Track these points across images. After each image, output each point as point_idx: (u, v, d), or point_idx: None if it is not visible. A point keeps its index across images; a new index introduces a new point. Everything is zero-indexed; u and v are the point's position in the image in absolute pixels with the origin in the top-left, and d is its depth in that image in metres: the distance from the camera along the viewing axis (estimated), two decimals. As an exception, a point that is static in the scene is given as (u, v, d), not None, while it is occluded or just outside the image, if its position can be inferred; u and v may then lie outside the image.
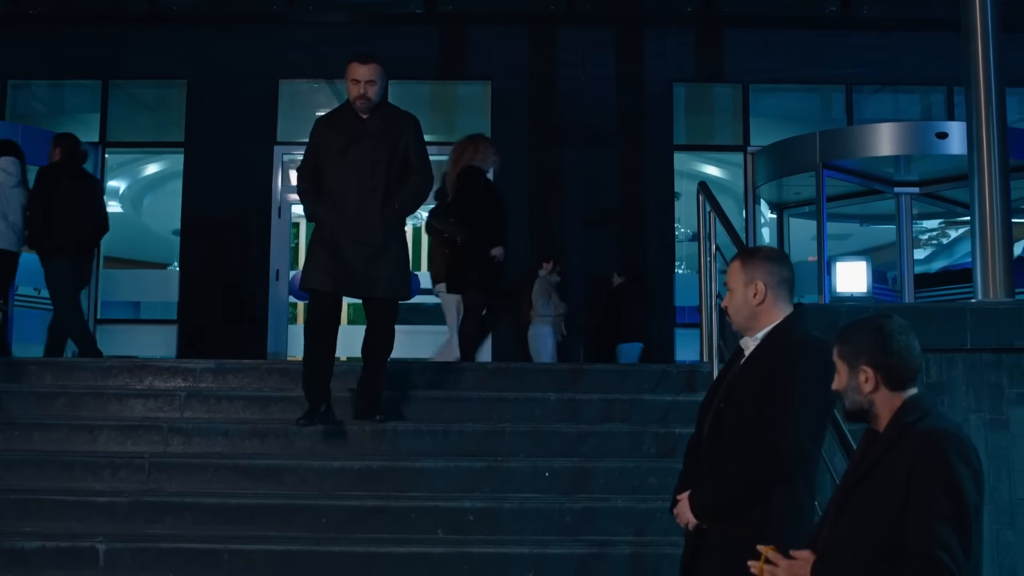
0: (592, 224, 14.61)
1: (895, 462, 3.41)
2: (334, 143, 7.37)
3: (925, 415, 3.49)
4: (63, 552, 6.23)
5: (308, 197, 7.45)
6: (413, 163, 7.45)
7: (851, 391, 3.59)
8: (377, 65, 7.35)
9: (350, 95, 7.39)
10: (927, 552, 3.25)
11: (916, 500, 3.31)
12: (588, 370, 8.46)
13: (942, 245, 18.89)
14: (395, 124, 7.42)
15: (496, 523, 6.62)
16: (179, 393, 7.81)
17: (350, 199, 7.27)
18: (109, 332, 14.46)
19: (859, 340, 3.58)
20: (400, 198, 7.37)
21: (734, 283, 4.49)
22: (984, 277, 8.47)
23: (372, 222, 7.27)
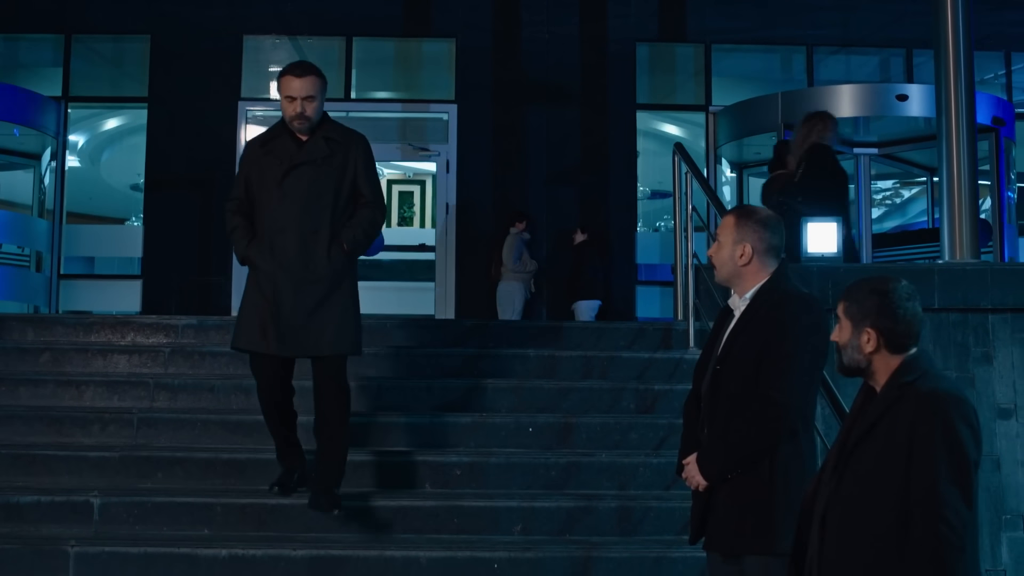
0: (555, 182, 14.72)
1: (895, 422, 3.49)
2: (268, 171, 6.18)
3: (923, 374, 3.56)
4: (58, 506, 6.30)
5: (239, 236, 6.25)
6: (364, 192, 6.30)
7: (851, 349, 3.67)
8: (315, 78, 6.17)
9: (285, 114, 6.19)
10: (933, 513, 3.35)
11: (920, 462, 3.40)
12: (566, 327, 8.59)
13: (895, 205, 19.14)
14: (341, 146, 6.22)
15: (483, 477, 6.76)
16: (163, 349, 7.86)
17: (289, 238, 6.08)
18: (72, 287, 14.45)
19: (866, 302, 3.65)
20: (349, 235, 6.20)
21: (724, 238, 4.60)
22: (951, 239, 8.69)
23: (316, 266, 6.10)
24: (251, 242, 6.19)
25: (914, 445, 3.42)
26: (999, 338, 8.13)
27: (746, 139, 14.57)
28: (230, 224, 6.31)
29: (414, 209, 18.92)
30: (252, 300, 6.21)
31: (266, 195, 6.17)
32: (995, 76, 15.49)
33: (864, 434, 3.57)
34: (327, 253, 6.13)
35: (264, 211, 6.18)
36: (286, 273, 6.08)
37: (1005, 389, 8.07)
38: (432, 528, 6.34)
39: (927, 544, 3.35)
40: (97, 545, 5.99)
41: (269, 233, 6.13)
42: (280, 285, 6.08)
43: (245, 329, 6.19)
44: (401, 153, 15.14)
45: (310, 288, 6.09)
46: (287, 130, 6.24)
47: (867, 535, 3.48)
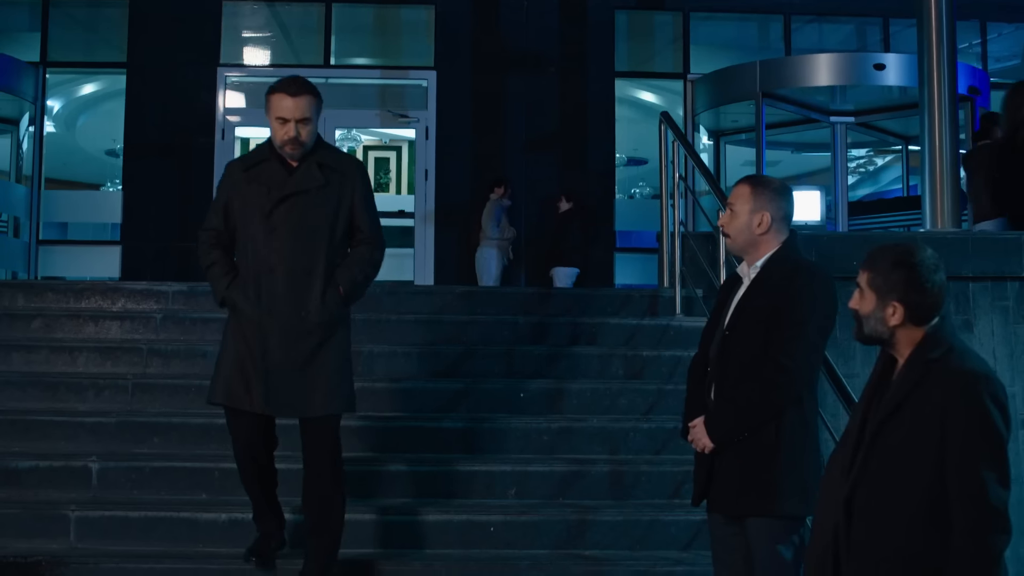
0: (533, 150, 14.78)
1: (925, 403, 3.45)
2: (254, 201, 5.39)
3: (949, 350, 3.52)
4: (56, 471, 6.35)
5: (218, 273, 5.46)
6: (361, 227, 5.50)
7: (875, 320, 3.59)
8: (311, 97, 5.37)
9: (275, 138, 5.39)
10: (977, 499, 3.34)
11: (956, 446, 3.37)
12: (554, 294, 8.68)
13: (868, 172, 19.31)
14: (337, 174, 5.44)
15: (477, 442, 6.85)
16: (154, 315, 7.89)
17: (278, 279, 5.32)
18: (50, 253, 14.43)
19: (893, 275, 3.57)
20: (347, 277, 5.41)
21: (740, 207, 4.64)
22: (933, 207, 8.81)
23: (309, 312, 5.34)
24: (233, 281, 5.41)
25: (947, 428, 3.39)
26: (979, 306, 8.25)
27: (723, 107, 14.69)
28: (206, 258, 5.50)
29: (390, 175, 18.93)
30: (234, 348, 5.41)
31: (251, 228, 5.38)
32: (969, 45, 15.63)
33: (891, 413, 3.52)
34: (321, 297, 5.35)
35: (248, 247, 5.40)
36: (274, 319, 5.32)
37: (985, 356, 8.14)
38: (428, 492, 6.43)
39: (974, 530, 3.33)
40: (97, 509, 6.06)
41: (255, 272, 5.36)
42: (267, 333, 5.32)
43: (226, 381, 5.39)
44: (380, 120, 15.15)
45: (302, 337, 5.34)
46: (275, 154, 5.45)
47: (900, 518, 3.44)
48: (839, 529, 3.56)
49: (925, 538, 3.40)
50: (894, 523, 3.45)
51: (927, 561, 3.39)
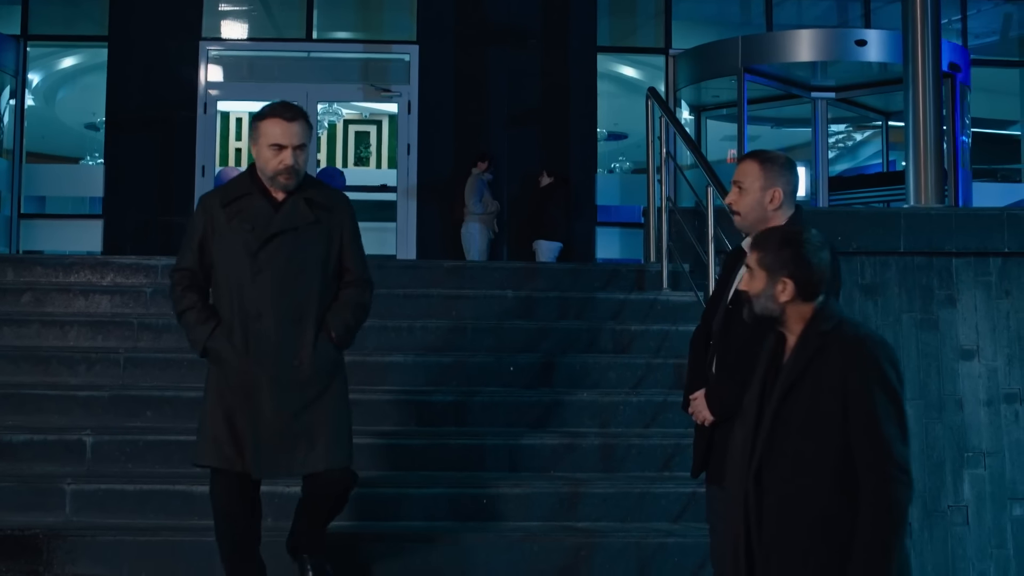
0: (516, 124, 14.81)
1: (824, 371, 3.54)
2: (237, 240, 4.94)
3: (840, 322, 3.63)
4: (50, 445, 6.39)
5: (196, 319, 4.99)
6: (350, 267, 5.13)
7: (765, 298, 3.67)
8: (305, 122, 5.03)
9: (267, 167, 4.96)
10: (881, 455, 3.44)
11: (858, 407, 3.47)
12: (541, 269, 8.75)
13: (846, 148, 19.40)
14: (326, 211, 5.05)
15: (468, 416, 6.91)
16: (144, 289, 7.91)
17: (267, 326, 4.89)
18: (30, 227, 14.41)
19: (782, 252, 3.67)
20: (339, 322, 5.04)
21: (749, 184, 4.63)
22: (916, 184, 8.90)
23: (302, 361, 4.93)
24: (216, 329, 4.95)
25: (849, 393, 3.49)
26: (963, 281, 8.35)
27: (705, 82, 14.74)
28: (181, 303, 5.02)
29: (371, 149, 18.92)
30: (220, 405, 4.94)
31: (234, 269, 4.93)
32: (949, 22, 15.71)
33: (790, 387, 3.59)
34: (313, 344, 4.96)
35: (231, 290, 4.94)
36: (264, 370, 4.89)
37: (968, 331, 8.30)
38: (419, 465, 6.49)
39: (880, 486, 3.43)
40: (93, 483, 6.09)
41: (240, 318, 4.91)
42: (257, 385, 4.88)
43: (214, 442, 4.92)
44: (363, 94, 15.15)
45: (295, 389, 4.92)
46: (257, 187, 5.01)
47: (809, 486, 3.52)
48: (749, 502, 3.62)
49: (835, 502, 3.49)
50: (804, 491, 3.52)
51: (838, 524, 3.48)
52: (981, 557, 8.02)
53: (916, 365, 8.24)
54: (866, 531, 3.43)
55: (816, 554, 3.51)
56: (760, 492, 3.59)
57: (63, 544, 5.65)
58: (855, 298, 8.29)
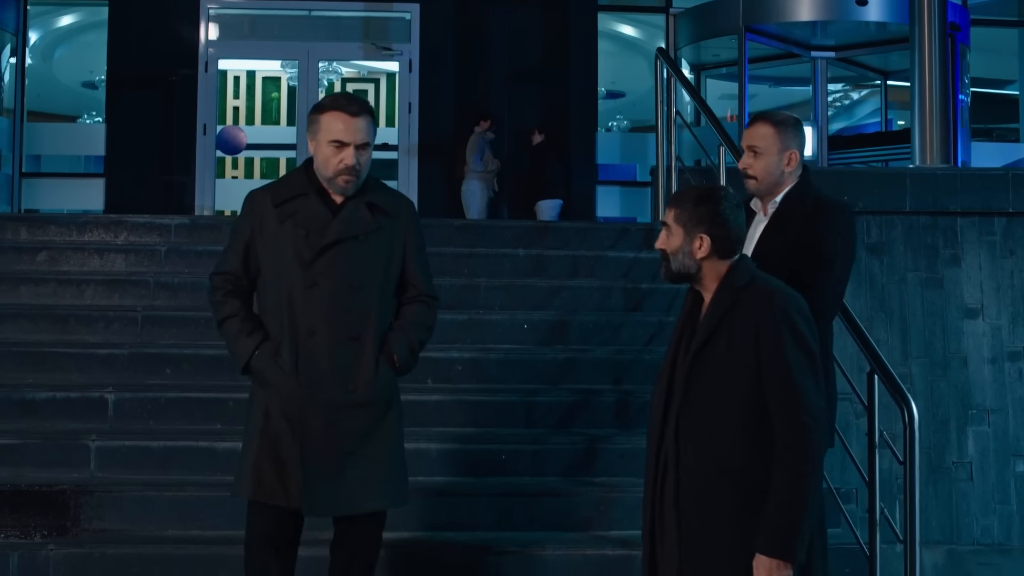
0: (516, 82, 14.83)
1: (736, 325, 3.59)
2: (290, 247, 4.37)
3: (752, 278, 3.68)
4: (72, 402, 6.45)
5: (239, 331, 4.44)
6: (415, 282, 4.57)
7: (683, 255, 3.68)
8: (371, 117, 4.43)
9: (326, 167, 4.39)
10: (793, 405, 3.49)
11: (771, 358, 3.52)
12: (552, 227, 8.80)
13: (843, 107, 19.46)
14: (389, 218, 4.48)
15: (483, 373, 6.99)
16: (158, 248, 7.96)
17: (321, 345, 4.34)
18: (32, 186, 14.42)
19: (699, 209, 3.67)
20: (402, 343, 4.47)
21: (766, 147, 4.63)
22: (922, 143, 8.97)
23: (359, 386, 4.37)
24: (261, 344, 4.39)
25: (760, 343, 3.53)
26: (967, 241, 8.46)
27: (706, 41, 14.77)
28: (222, 310, 4.48)
29: (369, 108, 18.89)
30: (265, 431, 4.38)
31: (284, 280, 4.36)
32: (948, -19, 15.71)
33: (704, 342, 3.62)
34: (374, 368, 4.39)
35: (281, 304, 4.37)
36: (316, 396, 4.33)
37: (972, 290, 8.41)
38: (438, 422, 6.56)
39: (794, 436, 3.47)
40: (117, 439, 6.15)
41: (291, 335, 4.35)
42: (307, 412, 4.32)
43: (256, 470, 4.37)
44: (364, 52, 15.12)
45: (349, 418, 4.36)
46: (314, 187, 4.43)
47: (725, 438, 3.56)
48: (667, 456, 3.65)
49: (750, 453, 3.53)
50: (719, 443, 3.56)
51: (753, 475, 3.52)
52: (985, 512, 8.16)
53: (921, 324, 8.35)
54: (780, 481, 3.47)
55: (730, 505, 3.55)
56: (678, 446, 3.63)
57: (90, 499, 5.71)
58: (861, 257, 8.37)
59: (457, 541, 5.68)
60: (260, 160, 18.21)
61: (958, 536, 8.10)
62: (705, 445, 3.58)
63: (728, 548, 3.56)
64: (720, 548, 3.57)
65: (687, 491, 3.61)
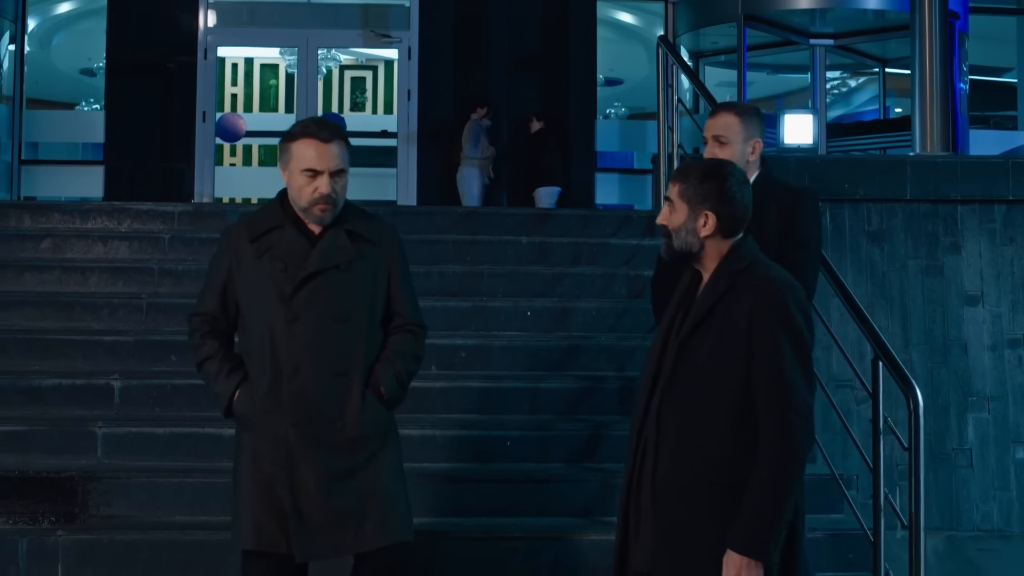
0: (515, 70, 14.84)
1: (731, 311, 3.48)
2: (268, 281, 4.17)
3: (752, 262, 3.57)
4: (79, 389, 6.49)
5: (218, 371, 4.26)
6: (400, 310, 4.38)
7: (686, 232, 3.57)
8: (343, 142, 4.22)
9: (300, 197, 4.17)
10: (783, 401, 3.40)
11: (763, 350, 3.42)
12: (554, 215, 8.83)
13: (840, 94, 19.47)
14: (371, 245, 4.28)
15: (488, 360, 7.02)
16: (162, 235, 7.99)
17: (305, 383, 4.13)
18: (30, 173, 14.43)
19: (705, 185, 3.57)
20: (389, 376, 4.27)
21: (732, 136, 4.72)
22: (923, 131, 8.99)
23: (347, 423, 4.17)
24: (242, 384, 4.21)
25: (754, 333, 3.44)
26: (967, 228, 8.48)
27: (704, 29, 14.79)
28: (200, 352, 4.32)
29: (366, 95, 18.92)
30: (253, 477, 4.18)
31: (264, 316, 4.17)
32: (946, -32, 15.72)
33: (697, 324, 3.53)
34: (360, 403, 4.18)
35: (262, 340, 4.17)
36: (302, 435, 4.13)
37: (972, 277, 8.43)
38: (443, 408, 6.60)
39: (780, 432, 3.38)
40: (123, 426, 6.19)
41: (272, 373, 4.15)
42: (295, 453, 4.12)
43: (253, 520, 4.15)
44: (363, 40, 15.12)
45: (340, 455, 4.16)
46: (290, 218, 4.23)
47: (710, 426, 3.47)
48: (647, 439, 3.56)
49: (734, 444, 3.44)
50: (704, 431, 3.47)
51: (737, 465, 3.43)
52: (984, 499, 8.20)
53: (922, 311, 8.38)
54: (761, 476, 3.38)
55: (708, 496, 3.45)
56: (659, 430, 3.53)
57: (97, 486, 5.75)
58: (861, 244, 8.41)
59: (463, 527, 5.71)
60: (258, 147, 18.22)
61: (958, 522, 8.14)
62: (687, 432, 3.48)
63: (703, 538, 3.47)
64: (695, 537, 3.48)
65: (664, 476, 3.51)
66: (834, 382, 7.65)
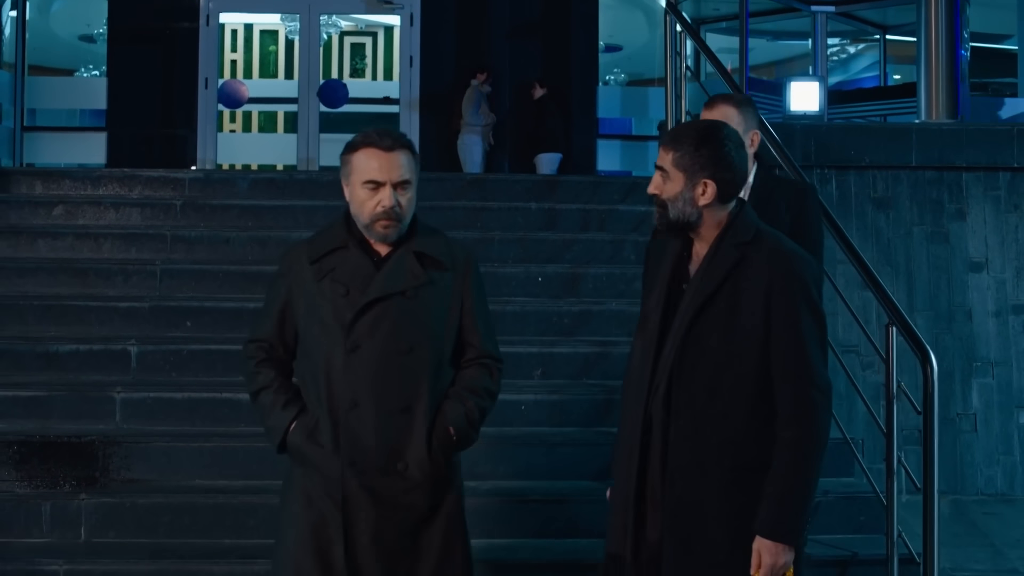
0: (517, 36, 14.83)
1: (744, 285, 3.34)
2: (328, 306, 3.82)
3: (758, 232, 3.42)
4: (96, 355, 6.54)
5: (274, 402, 3.90)
6: (474, 342, 3.97)
7: (683, 201, 3.40)
8: (410, 152, 3.84)
9: (362, 212, 3.80)
10: (805, 378, 3.30)
11: (783, 324, 3.30)
12: (562, 181, 8.87)
13: (839, 61, 19.51)
14: (443, 266, 3.90)
15: (500, 324, 7.00)
16: (174, 202, 8.02)
17: (366, 419, 3.75)
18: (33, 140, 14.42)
19: (702, 151, 3.39)
20: (459, 414, 3.83)
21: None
22: (928, 99, 9.05)
23: (410, 465, 3.76)
24: (298, 417, 3.85)
25: (773, 310, 3.30)
26: (972, 195, 8.56)
27: (707, -5, 14.85)
28: (255, 382, 3.96)
29: (366, 61, 18.89)
30: (304, 517, 3.80)
31: (323, 345, 3.81)
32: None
33: (707, 300, 3.35)
34: (426, 444, 3.77)
35: (319, 372, 3.81)
36: (359, 477, 3.74)
37: (977, 244, 8.52)
38: (457, 373, 6.64)
39: (799, 409, 3.29)
40: (141, 391, 6.24)
41: (330, 408, 3.78)
42: (353, 496, 3.74)
43: (296, 564, 3.78)
44: (366, 6, 15.10)
45: (400, 503, 3.76)
46: (354, 237, 3.86)
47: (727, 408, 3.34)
48: (655, 422, 3.40)
49: (751, 424, 3.33)
50: (721, 412, 3.34)
51: (755, 446, 3.33)
52: (988, 463, 8.31)
53: (927, 277, 8.46)
54: (784, 458, 3.28)
55: (722, 480, 3.33)
56: (669, 413, 3.37)
57: (118, 450, 5.81)
58: (867, 211, 8.48)
59: (479, 491, 5.75)
60: (258, 114, 18.21)
61: (962, 486, 8.25)
62: (703, 413, 3.34)
63: (717, 525, 3.34)
64: (709, 524, 3.35)
65: (679, 460, 3.36)
66: (839, 348, 7.71)
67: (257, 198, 8.27)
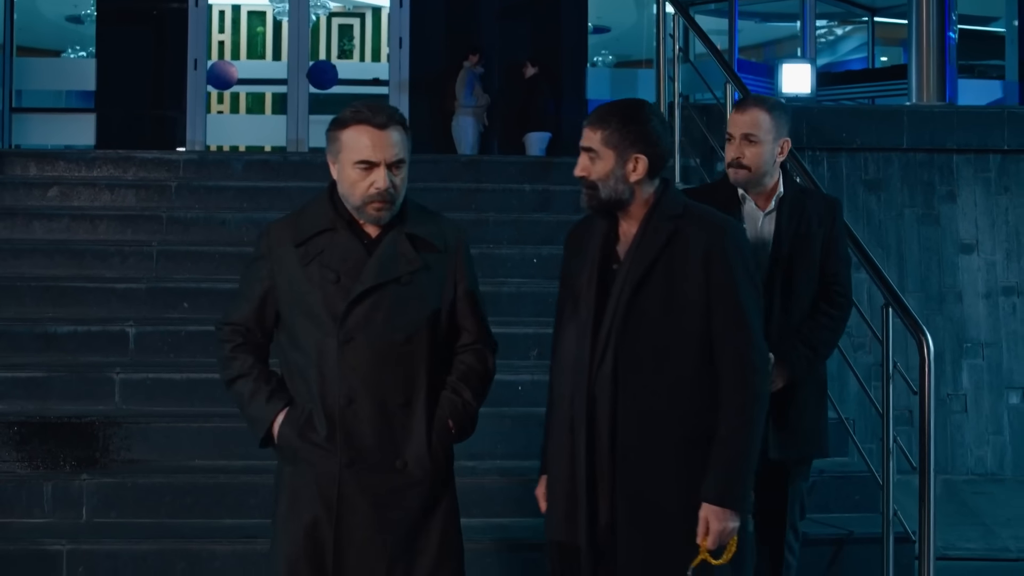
0: (507, 17, 14.85)
1: (681, 257, 3.36)
2: (317, 294, 3.54)
3: (687, 205, 3.45)
4: (94, 336, 6.57)
5: (254, 390, 3.65)
6: (468, 326, 3.77)
7: (615, 180, 3.42)
8: (403, 129, 3.57)
9: (353, 193, 3.53)
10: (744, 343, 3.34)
11: (723, 294, 3.33)
12: (556, 163, 8.88)
13: (826, 43, 19.53)
14: (437, 250, 3.69)
15: (496, 306, 7.06)
16: (168, 184, 8.03)
17: (362, 415, 3.53)
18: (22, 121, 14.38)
19: (631, 126, 3.40)
20: (455, 406, 3.64)
21: (763, 135, 4.32)
22: (919, 81, 9.09)
23: (409, 462, 3.56)
24: (286, 411, 3.60)
25: (712, 280, 3.33)
26: (963, 177, 8.61)
27: (695, -23, 14.85)
28: (230, 368, 3.72)
29: (354, 43, 18.87)
30: (296, 518, 3.58)
31: (313, 336, 3.55)
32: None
33: (644, 275, 3.35)
34: (426, 439, 3.57)
35: (311, 365, 3.56)
36: (357, 475, 3.53)
37: (967, 226, 8.57)
38: (454, 353, 6.67)
39: (741, 375, 3.32)
40: (140, 372, 6.27)
41: (322, 403, 3.54)
42: (348, 495, 3.53)
43: (290, 565, 3.56)
44: None
45: (397, 503, 3.57)
46: (342, 218, 3.59)
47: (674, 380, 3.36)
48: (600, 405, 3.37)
49: (698, 394, 3.36)
50: (670, 385, 3.36)
51: (702, 417, 3.34)
52: (979, 443, 8.38)
53: (917, 259, 8.51)
54: (729, 426, 3.30)
55: (675, 454, 3.34)
56: (616, 389, 3.35)
57: (118, 431, 5.84)
58: (859, 193, 8.53)
59: (478, 470, 5.81)
60: (246, 95, 18.19)
61: (953, 466, 8.33)
62: (652, 388, 3.34)
63: (672, 498, 3.36)
64: (664, 500, 3.36)
65: (629, 439, 3.35)
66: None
67: (252, 179, 8.28)
